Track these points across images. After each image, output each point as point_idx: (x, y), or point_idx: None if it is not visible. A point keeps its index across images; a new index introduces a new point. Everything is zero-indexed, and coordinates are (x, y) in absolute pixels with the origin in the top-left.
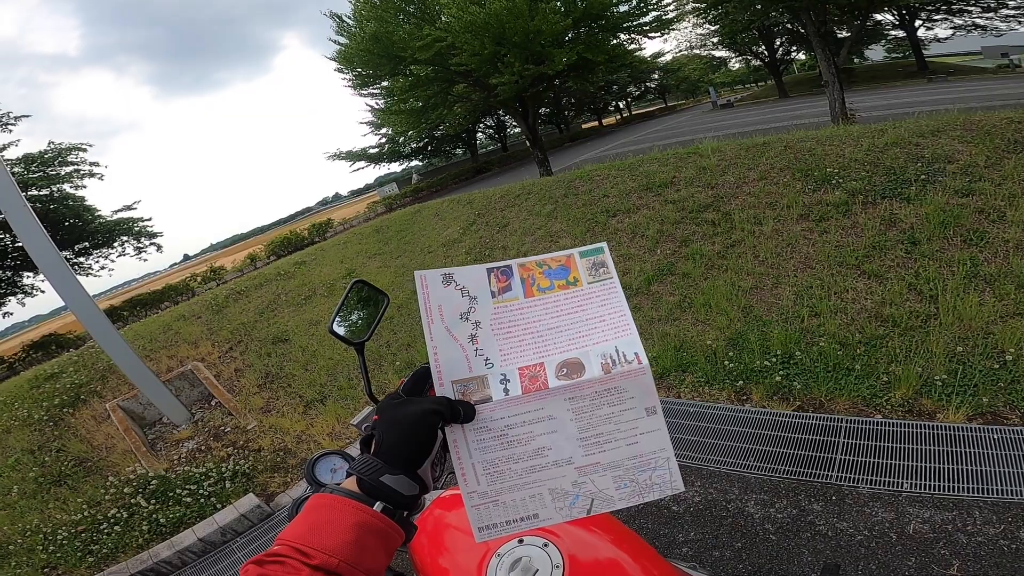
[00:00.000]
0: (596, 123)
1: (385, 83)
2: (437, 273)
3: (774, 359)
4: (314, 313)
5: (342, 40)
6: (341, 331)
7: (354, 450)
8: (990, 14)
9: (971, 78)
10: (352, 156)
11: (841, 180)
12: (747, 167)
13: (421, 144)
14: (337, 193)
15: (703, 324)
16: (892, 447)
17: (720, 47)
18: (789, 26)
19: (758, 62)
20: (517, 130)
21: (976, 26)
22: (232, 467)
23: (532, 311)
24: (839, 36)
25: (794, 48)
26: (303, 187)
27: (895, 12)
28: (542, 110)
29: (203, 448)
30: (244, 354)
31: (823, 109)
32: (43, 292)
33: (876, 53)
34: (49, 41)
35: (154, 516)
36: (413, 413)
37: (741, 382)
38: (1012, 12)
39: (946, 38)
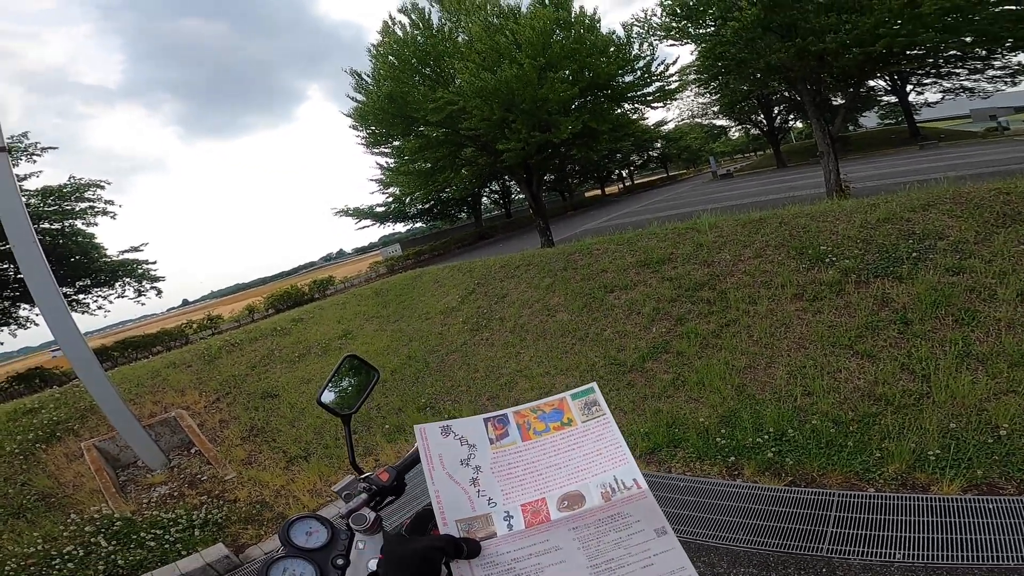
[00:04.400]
0: (599, 191)
1: (396, 143)
2: (436, 426)
3: (767, 436)
4: (306, 371)
5: (359, 97)
6: (329, 401)
7: (329, 511)
8: (977, 76)
9: (962, 143)
10: (359, 213)
11: (834, 258)
12: (743, 244)
13: (427, 206)
14: (341, 250)
15: (696, 402)
16: (884, 519)
17: (720, 116)
18: (787, 94)
19: (757, 131)
20: (522, 196)
21: (964, 89)
22: (204, 515)
23: (530, 453)
24: (834, 104)
25: (792, 116)
26: (309, 240)
27: (887, 77)
28: (546, 177)
29: (176, 494)
30: (231, 406)
31: (819, 180)
32: (36, 325)
33: (870, 120)
34: (93, 72)
35: (112, 557)
36: (417, 551)
37: (733, 458)
38: (998, 72)
39: (936, 102)
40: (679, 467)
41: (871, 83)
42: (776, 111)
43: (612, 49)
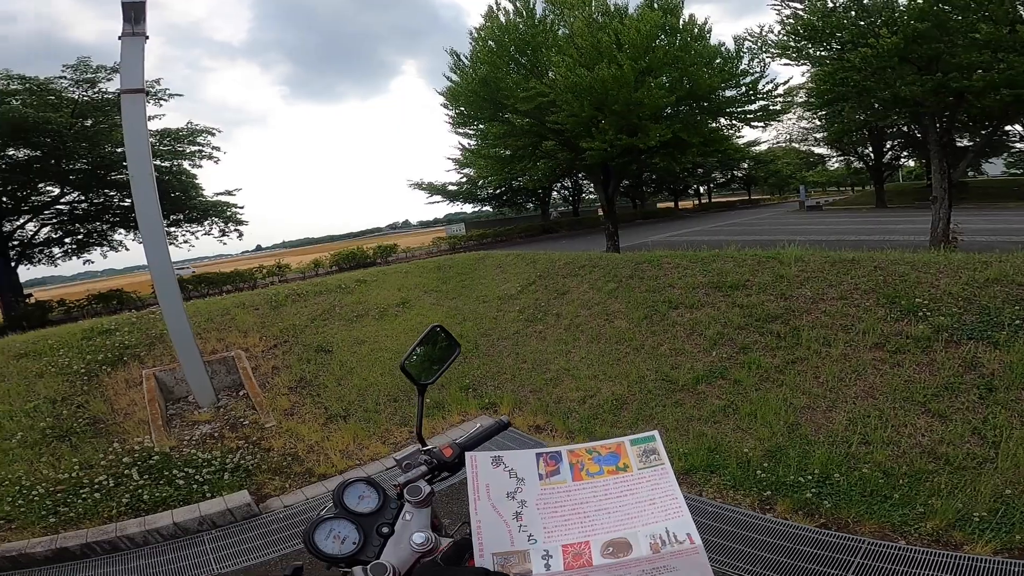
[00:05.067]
0: (672, 204)
1: (482, 126)
2: (487, 455)
3: (810, 477)
4: (362, 332)
5: (454, 78)
6: (410, 368)
7: (350, 476)
8: None
9: None
10: (432, 189)
11: (929, 313)
12: (828, 283)
13: (497, 191)
14: (407, 220)
15: (743, 432)
16: (908, 571)
17: (822, 143)
18: (906, 130)
19: (861, 164)
20: (591, 197)
21: None
22: (237, 460)
23: (580, 493)
24: (960, 145)
25: (905, 154)
26: (377, 206)
27: None
28: (623, 182)
29: (216, 435)
30: (286, 355)
31: (922, 226)
32: (127, 250)
33: (995, 167)
34: (224, 29)
35: (139, 491)
36: None
37: (769, 492)
38: None
39: None
40: (711, 492)
41: (1008, 127)
42: (888, 146)
43: (718, 61)
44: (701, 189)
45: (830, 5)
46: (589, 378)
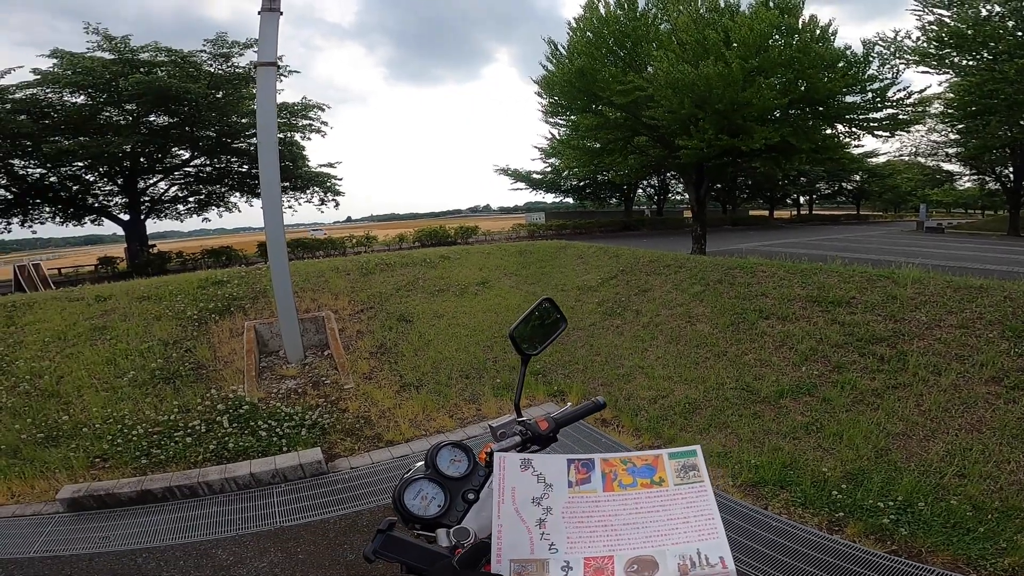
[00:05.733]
0: (767, 213)
1: (574, 117)
2: (517, 458)
3: (891, 503)
4: (442, 306)
5: (550, 67)
6: (518, 337)
7: (416, 445)
8: None
9: None
10: (516, 175)
11: None
12: (948, 309)
13: (582, 183)
14: (488, 205)
15: (824, 451)
16: None
17: (954, 160)
18: None
19: (996, 185)
20: (677, 197)
21: None
22: (315, 417)
23: (609, 505)
24: None
25: None
26: (460, 188)
27: None
28: (716, 185)
29: (300, 391)
30: (371, 320)
31: None
32: (239, 211)
33: None
34: (335, 11)
35: (226, 439)
36: None
37: (842, 514)
38: None
39: None
40: (777, 507)
41: None
42: None
43: (841, 64)
44: (801, 199)
45: (984, 13)
46: (663, 378)
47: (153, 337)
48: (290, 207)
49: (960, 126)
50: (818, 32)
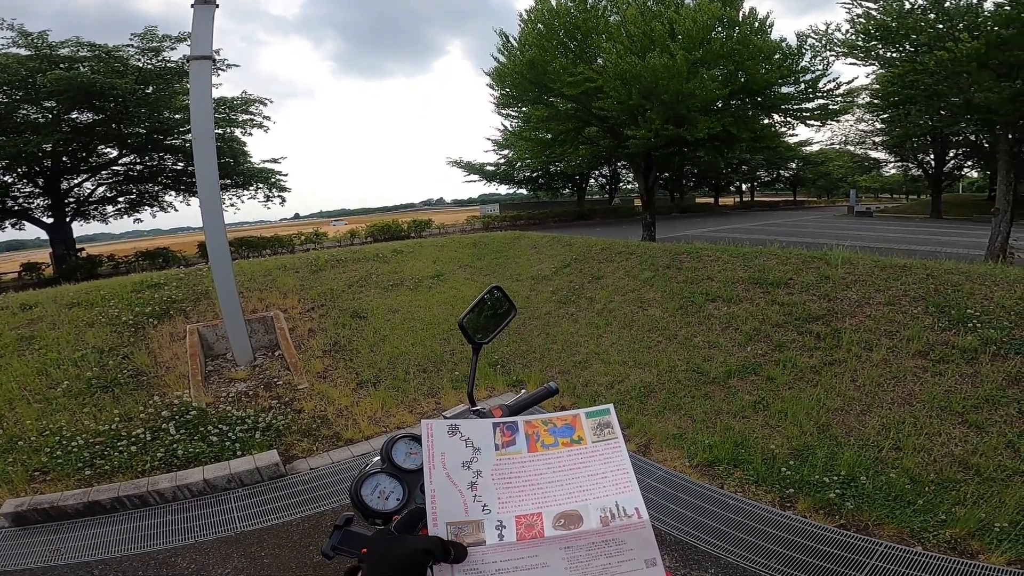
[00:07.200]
0: (712, 200)
1: (525, 108)
2: (444, 424)
3: (836, 477)
4: (396, 301)
5: (502, 59)
6: (468, 327)
7: (377, 442)
8: None
9: None
10: (469, 168)
11: (978, 325)
12: (876, 287)
13: (535, 175)
14: (441, 198)
15: (772, 428)
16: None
17: (880, 148)
18: (973, 139)
19: (919, 172)
20: (628, 186)
21: None
22: (269, 420)
23: (534, 465)
24: None
25: (969, 164)
26: (413, 182)
27: None
28: (664, 174)
29: (251, 393)
30: (323, 318)
31: (978, 240)
32: (175, 210)
33: None
34: (279, 4)
35: (174, 446)
36: (404, 552)
37: (792, 490)
38: None
39: None
40: (733, 486)
41: None
42: (951, 154)
43: (777, 56)
44: (744, 187)
45: (907, 6)
46: (618, 364)
47: (86, 345)
48: (232, 204)
49: (885, 116)
50: (757, 25)
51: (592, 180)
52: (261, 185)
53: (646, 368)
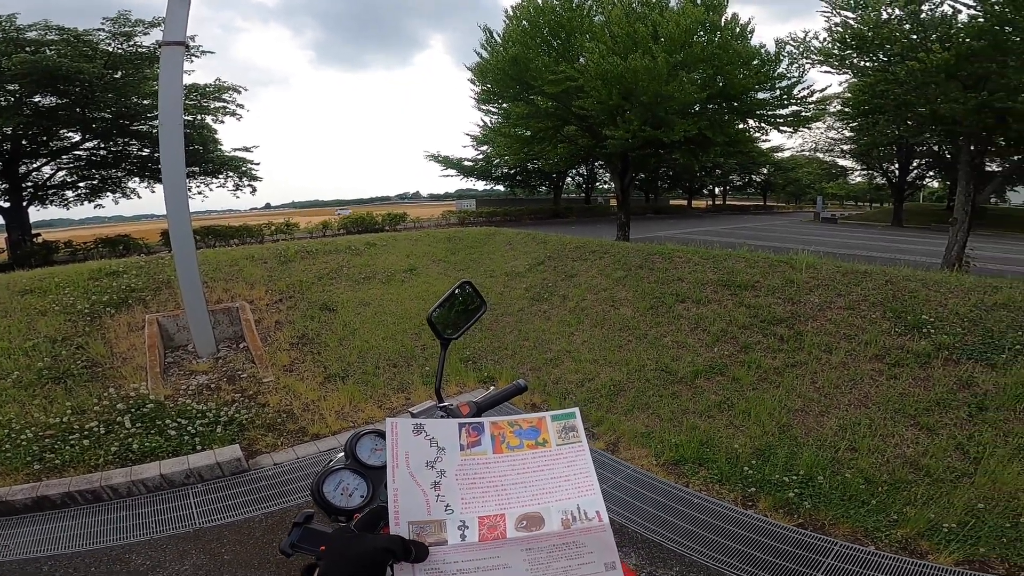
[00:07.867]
0: (685, 202)
1: (506, 105)
2: (409, 423)
3: (795, 477)
4: (367, 295)
5: (484, 54)
6: (436, 323)
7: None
8: None
9: None
10: (447, 163)
11: (932, 331)
12: (837, 292)
13: (512, 171)
14: (418, 192)
15: (736, 428)
16: (872, 575)
17: (848, 156)
18: (936, 149)
19: (883, 180)
20: (604, 186)
21: None
22: (232, 413)
23: (499, 466)
24: (988, 170)
25: (931, 174)
26: (389, 175)
27: None
28: (639, 174)
29: (213, 386)
30: (291, 310)
31: (936, 248)
32: (139, 197)
33: (1018, 195)
34: None
35: (129, 440)
36: (364, 550)
37: (754, 489)
38: None
39: None
40: (698, 484)
41: None
42: (915, 164)
43: (756, 62)
44: (716, 190)
45: (884, 16)
46: (589, 362)
47: (38, 334)
48: (200, 192)
49: (854, 124)
50: (738, 30)
51: (569, 179)
52: (231, 173)
53: (616, 367)
